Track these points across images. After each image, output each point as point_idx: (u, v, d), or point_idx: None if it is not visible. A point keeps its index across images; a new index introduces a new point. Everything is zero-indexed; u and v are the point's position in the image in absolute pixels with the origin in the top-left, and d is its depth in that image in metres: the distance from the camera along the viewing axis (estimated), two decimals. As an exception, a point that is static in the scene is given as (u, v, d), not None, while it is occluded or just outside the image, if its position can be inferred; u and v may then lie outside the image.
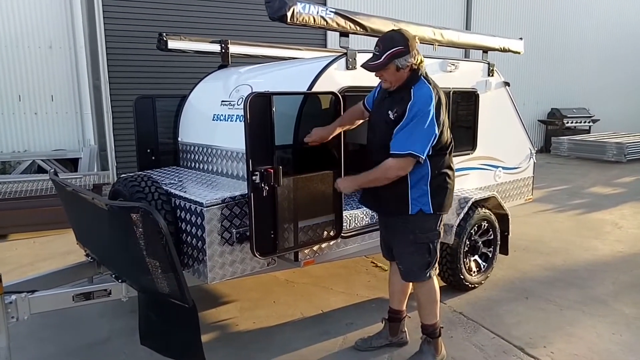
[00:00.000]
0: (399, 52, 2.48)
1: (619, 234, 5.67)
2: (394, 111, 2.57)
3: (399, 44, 2.49)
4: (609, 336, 3.26)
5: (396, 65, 2.50)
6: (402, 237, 2.76)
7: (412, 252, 2.75)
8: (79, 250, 3.60)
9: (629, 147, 11.32)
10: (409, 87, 2.57)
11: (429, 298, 2.85)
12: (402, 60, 2.49)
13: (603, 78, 15.21)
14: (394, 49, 2.48)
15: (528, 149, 4.85)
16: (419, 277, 2.79)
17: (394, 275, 3.03)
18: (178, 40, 4.25)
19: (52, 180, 3.33)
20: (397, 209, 2.70)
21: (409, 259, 2.78)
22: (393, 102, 2.61)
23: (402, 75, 2.55)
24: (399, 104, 2.57)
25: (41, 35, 8.15)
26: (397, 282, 3.02)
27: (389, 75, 2.56)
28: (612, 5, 15.00)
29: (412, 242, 2.72)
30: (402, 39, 2.51)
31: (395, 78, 2.56)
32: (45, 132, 8.37)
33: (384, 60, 2.49)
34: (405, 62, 2.49)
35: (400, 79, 2.56)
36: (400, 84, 2.58)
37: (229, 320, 3.52)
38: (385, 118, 2.61)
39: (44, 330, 3.38)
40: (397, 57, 2.48)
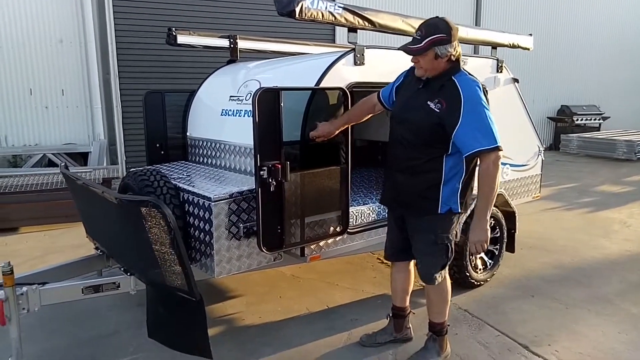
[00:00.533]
0: (441, 39, 2.39)
1: (628, 232, 5.63)
2: (435, 102, 2.46)
3: (443, 31, 2.40)
4: (615, 335, 3.25)
5: (435, 53, 2.41)
6: (423, 237, 2.69)
7: (433, 253, 2.70)
8: (89, 244, 3.65)
9: (639, 145, 11.20)
10: (448, 76, 2.48)
11: (441, 297, 2.84)
12: (443, 49, 2.41)
13: (613, 75, 15.03)
14: (436, 36, 2.39)
15: (536, 146, 4.83)
16: (431, 278, 2.75)
17: (398, 273, 3.01)
18: (187, 35, 4.26)
19: (63, 173, 3.38)
20: (426, 208, 2.62)
21: (429, 260, 2.72)
22: (432, 93, 2.50)
23: (438, 64, 2.46)
24: (442, 94, 2.47)
25: (52, 30, 8.22)
26: (400, 281, 3.02)
27: (425, 62, 2.46)
28: (623, 1, 14.80)
29: (433, 243, 2.66)
30: (447, 27, 2.42)
31: (431, 66, 2.47)
32: (55, 126, 8.46)
33: (424, 45, 2.40)
34: (446, 50, 2.41)
35: (436, 67, 2.47)
36: (436, 73, 2.49)
37: (235, 315, 3.55)
38: (425, 109, 2.49)
39: (54, 322, 3.44)
40: (438, 44, 2.40)
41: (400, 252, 2.90)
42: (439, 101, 2.47)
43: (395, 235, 2.89)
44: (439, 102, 2.47)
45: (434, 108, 2.47)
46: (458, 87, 2.45)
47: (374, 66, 3.35)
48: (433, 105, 2.47)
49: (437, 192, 2.59)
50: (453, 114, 2.43)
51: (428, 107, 2.49)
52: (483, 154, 2.45)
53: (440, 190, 2.58)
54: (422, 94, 2.56)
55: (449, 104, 2.44)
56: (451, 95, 2.45)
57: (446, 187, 2.58)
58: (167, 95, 4.34)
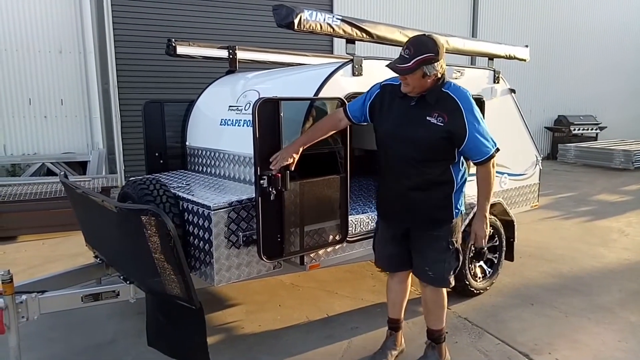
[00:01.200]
0: (429, 58, 2.38)
1: (626, 241, 5.65)
2: (435, 116, 2.47)
3: (431, 50, 2.39)
4: (615, 343, 3.26)
5: (424, 72, 2.41)
6: (436, 246, 2.68)
7: (446, 259, 2.70)
8: (88, 252, 3.66)
9: (636, 154, 11.25)
10: (439, 89, 2.51)
11: (440, 304, 2.85)
12: (431, 68, 2.40)
13: (610, 85, 15.15)
14: (425, 55, 2.38)
15: (534, 156, 4.86)
16: (447, 282, 2.76)
17: (399, 284, 2.99)
18: (186, 46, 4.30)
19: (63, 182, 3.39)
20: (442, 218, 2.64)
21: (442, 266, 2.71)
22: (429, 107, 2.50)
23: (425, 82, 2.46)
24: (439, 108, 2.48)
25: (51, 40, 8.28)
26: (401, 291, 3.00)
27: (413, 80, 2.45)
28: (619, 12, 14.97)
29: (446, 249, 2.67)
30: (434, 46, 2.41)
31: (419, 84, 2.47)
32: (54, 135, 8.49)
33: (413, 64, 2.38)
34: (434, 69, 2.41)
35: (423, 85, 2.48)
36: (423, 90, 2.50)
37: (234, 323, 3.55)
38: (428, 125, 2.49)
39: (53, 330, 3.43)
40: (427, 63, 2.39)
41: (403, 263, 2.87)
42: (439, 114, 2.48)
43: (395, 248, 2.85)
44: (440, 115, 2.48)
45: (437, 122, 2.48)
46: (453, 97, 2.49)
47: (371, 77, 3.36)
48: (435, 120, 2.48)
49: (451, 201, 2.64)
50: (458, 126, 2.46)
51: (429, 122, 2.49)
52: (488, 159, 2.54)
53: (452, 199, 2.64)
54: (417, 109, 2.55)
55: (450, 116, 2.47)
56: (450, 107, 2.48)
57: (457, 194, 2.66)
58: (167, 105, 4.37)
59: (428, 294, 2.84)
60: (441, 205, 2.63)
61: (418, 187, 2.61)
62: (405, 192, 2.65)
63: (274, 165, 2.68)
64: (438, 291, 2.81)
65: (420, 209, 2.65)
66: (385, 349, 3.03)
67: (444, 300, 2.85)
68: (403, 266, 2.90)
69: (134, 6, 8.68)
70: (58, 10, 8.24)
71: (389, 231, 2.86)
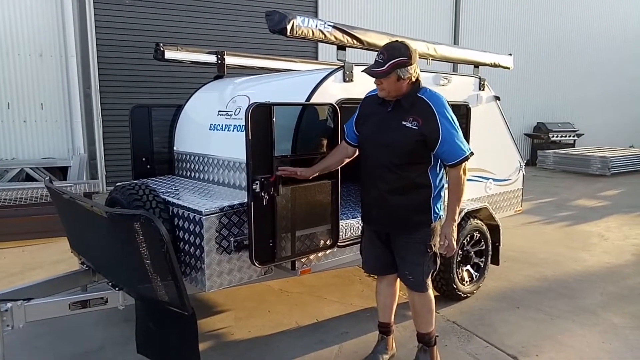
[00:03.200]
0: (402, 62, 2.50)
1: (606, 245, 5.79)
2: (410, 120, 2.56)
3: (404, 54, 2.51)
4: (599, 345, 3.33)
5: (398, 75, 2.51)
6: (415, 249, 2.73)
7: (424, 262, 2.74)
8: (69, 259, 3.59)
9: (612, 160, 11.57)
10: (414, 94, 2.60)
11: (427, 307, 2.87)
12: (405, 71, 2.51)
13: (587, 94, 15.57)
14: (398, 59, 2.49)
15: (517, 162, 4.96)
16: (425, 286, 2.80)
17: (388, 287, 3.00)
18: (175, 50, 4.28)
19: (48, 187, 3.32)
20: (421, 222, 2.69)
21: (421, 270, 2.75)
22: (404, 112, 2.59)
23: (400, 86, 2.56)
24: (414, 112, 2.57)
25: (32, 43, 8.14)
26: (390, 294, 3.02)
27: (388, 84, 2.56)
28: (596, 21, 15.41)
29: (424, 253, 2.72)
30: (407, 50, 2.53)
31: (394, 87, 2.56)
32: (34, 140, 8.32)
33: (387, 68, 2.50)
34: (407, 72, 2.52)
35: (398, 89, 2.57)
36: (399, 94, 2.59)
37: (224, 329, 3.52)
38: (403, 129, 2.57)
39: (38, 339, 3.34)
40: (400, 67, 2.50)
41: (389, 265, 2.90)
42: (414, 119, 2.56)
43: (380, 250, 2.88)
44: (414, 119, 2.56)
45: (412, 126, 2.56)
46: (427, 101, 2.58)
47: (362, 83, 3.39)
48: (410, 124, 2.57)
49: (429, 205, 2.68)
50: (432, 129, 2.54)
51: (405, 127, 2.58)
52: (461, 162, 2.59)
53: (431, 203, 2.68)
54: (393, 115, 2.63)
55: (424, 119, 2.55)
56: (424, 111, 2.56)
57: (435, 199, 2.69)
58: (154, 109, 4.34)
59: (415, 297, 2.86)
60: (420, 209, 2.68)
61: (396, 192, 2.66)
62: (385, 196, 2.70)
63: (283, 171, 2.75)
64: (425, 295, 2.84)
65: (399, 213, 2.70)
66: (376, 353, 3.04)
67: (431, 303, 2.88)
68: (389, 269, 2.93)
69: (117, 10, 8.60)
70: (39, 12, 8.11)
71: (373, 235, 2.90)
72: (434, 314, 2.91)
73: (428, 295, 2.85)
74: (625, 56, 16.32)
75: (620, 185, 10.35)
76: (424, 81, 3.08)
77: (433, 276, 2.84)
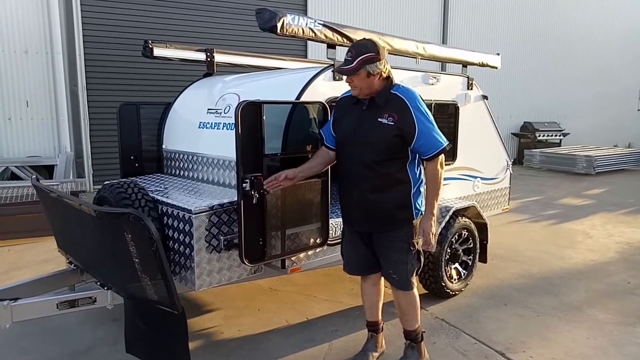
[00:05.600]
0: (370, 58, 2.54)
1: (591, 243, 5.88)
2: (386, 116, 2.58)
3: (371, 50, 2.55)
4: (584, 340, 3.39)
5: (367, 71, 2.54)
6: (397, 247, 2.73)
7: (408, 260, 2.74)
8: (56, 259, 3.55)
9: (597, 160, 11.75)
10: (388, 91, 2.62)
11: (412, 304, 2.88)
12: (373, 67, 2.54)
13: (573, 94, 15.78)
14: (366, 55, 2.53)
15: (505, 160, 5.01)
16: (410, 284, 2.81)
17: (372, 287, 3.01)
18: (164, 47, 4.25)
19: (35, 186, 3.28)
20: (402, 219, 2.69)
21: (404, 268, 2.75)
22: (379, 109, 2.61)
23: (371, 82, 2.58)
24: (388, 108, 2.59)
25: (17, 39, 8.00)
26: (375, 294, 3.02)
27: (359, 80, 2.58)
28: (583, 22, 15.62)
29: (407, 250, 2.72)
30: (374, 47, 2.57)
31: (365, 84, 2.59)
32: (19, 138, 8.19)
33: (356, 65, 2.53)
34: (376, 68, 2.55)
35: (369, 86, 2.59)
36: (372, 91, 2.61)
37: (213, 329, 3.51)
38: (380, 126, 2.59)
39: (24, 339, 3.30)
40: (369, 62, 2.53)
41: (372, 265, 2.90)
42: (390, 115, 2.58)
43: (362, 251, 2.87)
44: (390, 115, 2.58)
45: (388, 122, 2.58)
46: (401, 96, 2.60)
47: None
48: (385, 120, 2.59)
49: (410, 201, 2.69)
50: (407, 123, 2.56)
51: (380, 123, 2.60)
52: (439, 153, 2.60)
53: (411, 199, 2.69)
54: (368, 113, 2.65)
55: (399, 114, 2.57)
56: (398, 106, 2.59)
57: (415, 195, 2.70)
58: (142, 107, 4.30)
59: (400, 296, 2.87)
60: (401, 205, 2.68)
61: (376, 189, 2.67)
62: (364, 195, 2.70)
63: (269, 186, 2.72)
64: (410, 293, 2.85)
65: (380, 211, 2.70)
66: (366, 351, 3.06)
67: (415, 300, 2.88)
68: (371, 269, 2.93)
69: (105, 6, 8.50)
70: (24, 8, 7.98)
71: (353, 235, 2.89)
72: (419, 310, 2.92)
73: (413, 293, 2.86)
74: (610, 59, 16.57)
75: (605, 184, 10.51)
76: (413, 80, 3.13)
77: (418, 274, 2.86)
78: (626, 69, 17.15)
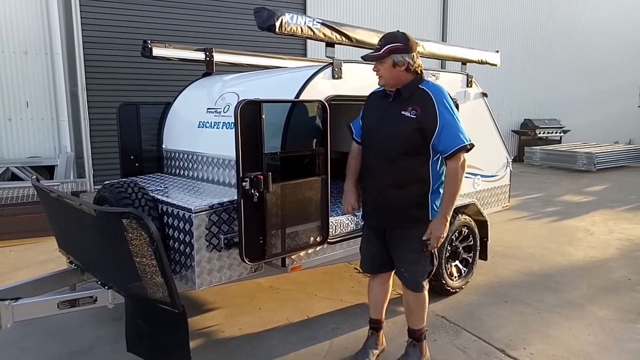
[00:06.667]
0: (398, 48, 2.56)
1: (591, 240, 5.88)
2: (409, 109, 2.57)
3: (400, 41, 2.58)
4: (585, 337, 3.39)
5: (393, 61, 2.57)
6: (411, 246, 2.71)
7: (420, 261, 2.73)
8: (57, 259, 3.56)
9: (598, 156, 11.73)
10: (415, 85, 2.62)
11: (421, 305, 2.86)
12: (400, 57, 2.56)
13: (573, 91, 15.76)
14: (393, 44, 2.57)
15: (505, 158, 5.01)
16: (420, 286, 2.80)
17: (381, 286, 3.01)
18: (163, 47, 4.25)
19: (35, 186, 3.29)
20: (417, 217, 2.67)
21: (416, 268, 2.74)
22: (404, 102, 2.61)
23: (397, 73, 2.59)
24: (413, 102, 2.59)
25: (16, 40, 8.01)
26: (383, 293, 3.02)
27: (385, 69, 2.60)
28: (582, 18, 15.60)
29: (420, 251, 2.69)
30: (404, 38, 2.60)
31: (390, 74, 2.60)
32: (19, 138, 8.20)
33: (382, 52, 2.57)
34: (402, 59, 2.56)
35: (395, 77, 2.60)
36: (398, 82, 2.62)
37: (214, 327, 3.52)
38: (402, 119, 2.59)
39: (25, 339, 3.31)
40: (395, 52, 2.56)
41: (383, 264, 2.90)
42: (413, 108, 2.58)
43: (377, 248, 2.87)
44: (413, 109, 2.58)
45: (410, 115, 2.57)
46: (427, 91, 2.59)
47: (351, 80, 3.43)
48: (408, 114, 2.58)
49: (427, 200, 2.67)
50: (430, 118, 2.55)
51: (404, 116, 2.59)
52: (460, 152, 2.56)
53: (429, 199, 2.67)
54: (393, 106, 2.66)
55: (423, 109, 2.56)
56: (423, 100, 2.57)
57: (434, 195, 2.68)
58: (142, 107, 4.31)
59: (410, 296, 2.86)
60: (417, 203, 2.66)
61: (395, 184, 2.66)
62: (383, 189, 2.69)
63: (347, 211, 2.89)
64: (420, 295, 2.83)
65: (396, 207, 2.68)
66: (367, 349, 3.06)
67: (425, 301, 2.87)
68: (384, 268, 2.93)
69: (104, 6, 8.50)
70: (23, 9, 7.98)
71: (371, 232, 2.90)
72: (426, 311, 2.91)
73: (423, 295, 2.84)
74: (611, 55, 16.55)
75: (606, 180, 10.50)
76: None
77: (429, 276, 2.82)
78: (626, 65, 17.14)
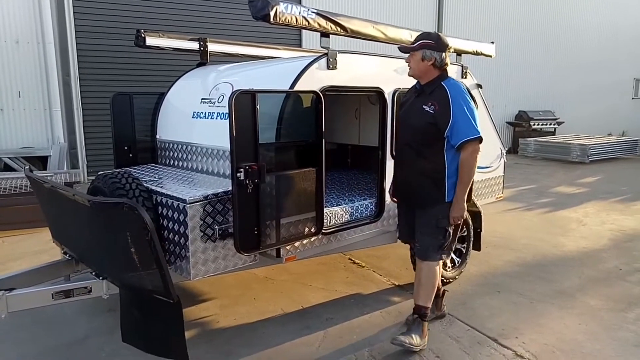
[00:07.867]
0: (429, 45, 2.89)
1: (584, 231, 5.93)
2: (429, 104, 2.88)
3: (433, 39, 2.91)
4: (576, 327, 3.43)
5: (422, 55, 2.89)
6: (426, 221, 3.01)
7: (432, 234, 3.00)
8: (51, 250, 3.54)
9: (591, 148, 11.80)
10: (438, 82, 2.91)
11: (431, 279, 3.06)
12: (429, 53, 2.88)
13: (567, 83, 15.79)
14: (426, 41, 2.90)
15: (499, 149, 5.02)
16: (431, 256, 3.03)
17: None
18: (156, 37, 4.21)
19: (28, 177, 3.27)
20: (434, 199, 2.96)
21: (428, 240, 3.02)
22: (426, 97, 2.93)
23: (425, 67, 2.91)
24: (433, 98, 2.89)
25: (7, 29, 7.91)
26: None
27: (414, 61, 2.94)
28: (578, 12, 15.59)
29: (434, 226, 2.98)
30: (437, 38, 2.92)
31: (417, 66, 2.93)
32: (12, 129, 8.13)
33: (415, 46, 2.92)
34: (431, 55, 2.87)
35: (422, 70, 2.92)
36: (423, 75, 2.94)
37: (209, 317, 3.53)
38: (421, 112, 2.90)
39: (20, 330, 3.31)
40: (426, 48, 2.88)
41: (409, 234, 3.23)
42: (432, 104, 2.89)
43: (405, 221, 3.27)
44: (432, 104, 2.89)
45: (429, 110, 2.90)
46: (446, 89, 2.88)
47: (346, 70, 3.42)
48: (428, 108, 2.90)
49: (443, 185, 2.94)
50: (445, 113, 2.84)
51: (423, 110, 2.92)
52: (469, 143, 2.81)
53: (445, 183, 2.94)
54: (418, 100, 2.99)
55: (440, 105, 2.86)
56: (441, 97, 2.87)
57: (450, 180, 2.93)
58: (136, 97, 4.27)
59: (422, 267, 3.07)
60: (434, 185, 2.95)
61: (415, 169, 3.00)
62: (407, 173, 3.08)
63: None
64: (430, 265, 3.04)
65: (417, 188, 3.03)
66: None
67: (435, 277, 3.07)
68: (411, 237, 3.23)
69: (96, -5, 8.40)
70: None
71: (401, 208, 3.34)
72: (434, 290, 3.12)
73: (434, 268, 3.06)
74: (605, 47, 16.57)
75: (599, 172, 10.57)
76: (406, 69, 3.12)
77: (443, 250, 3.03)
78: (621, 57, 17.17)
